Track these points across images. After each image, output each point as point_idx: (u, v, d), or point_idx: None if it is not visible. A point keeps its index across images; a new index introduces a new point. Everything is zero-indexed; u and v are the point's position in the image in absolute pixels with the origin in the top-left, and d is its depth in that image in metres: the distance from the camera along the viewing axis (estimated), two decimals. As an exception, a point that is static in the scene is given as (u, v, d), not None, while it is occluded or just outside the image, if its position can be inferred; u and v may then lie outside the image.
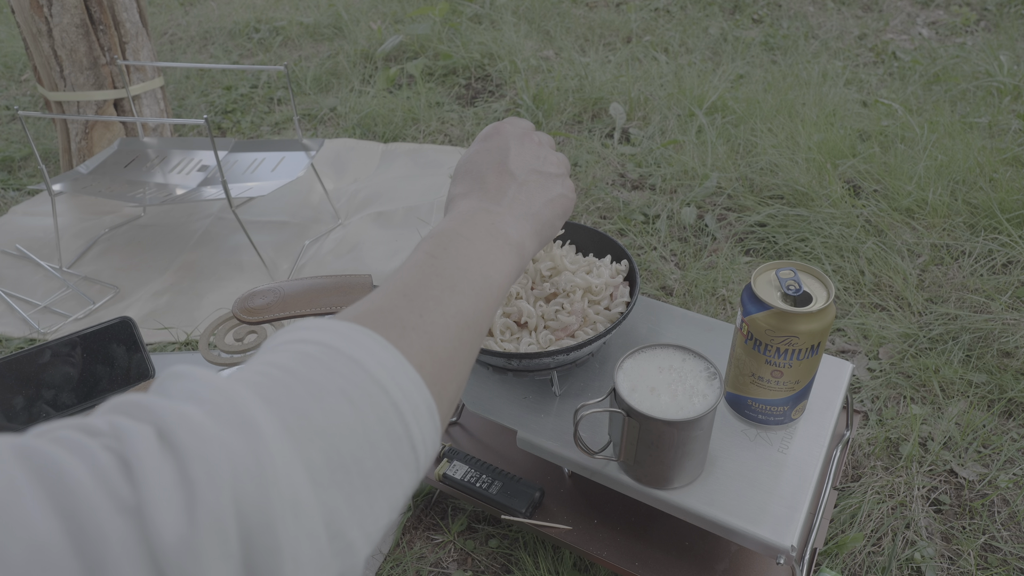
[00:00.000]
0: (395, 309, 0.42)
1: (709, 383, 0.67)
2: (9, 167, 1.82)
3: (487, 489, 0.84)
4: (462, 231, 0.51)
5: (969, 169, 1.48)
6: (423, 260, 0.48)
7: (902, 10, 2.44)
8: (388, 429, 0.36)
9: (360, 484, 0.34)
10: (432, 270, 0.47)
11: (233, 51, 2.44)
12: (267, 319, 0.79)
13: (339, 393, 0.35)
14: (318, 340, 0.37)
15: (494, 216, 0.54)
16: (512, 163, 0.59)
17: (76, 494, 0.26)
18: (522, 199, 0.58)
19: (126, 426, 0.29)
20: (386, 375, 0.37)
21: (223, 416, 0.30)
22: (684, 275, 1.30)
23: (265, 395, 0.33)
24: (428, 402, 0.39)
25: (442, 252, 0.49)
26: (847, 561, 0.86)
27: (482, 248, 0.51)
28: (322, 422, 0.33)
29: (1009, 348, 1.11)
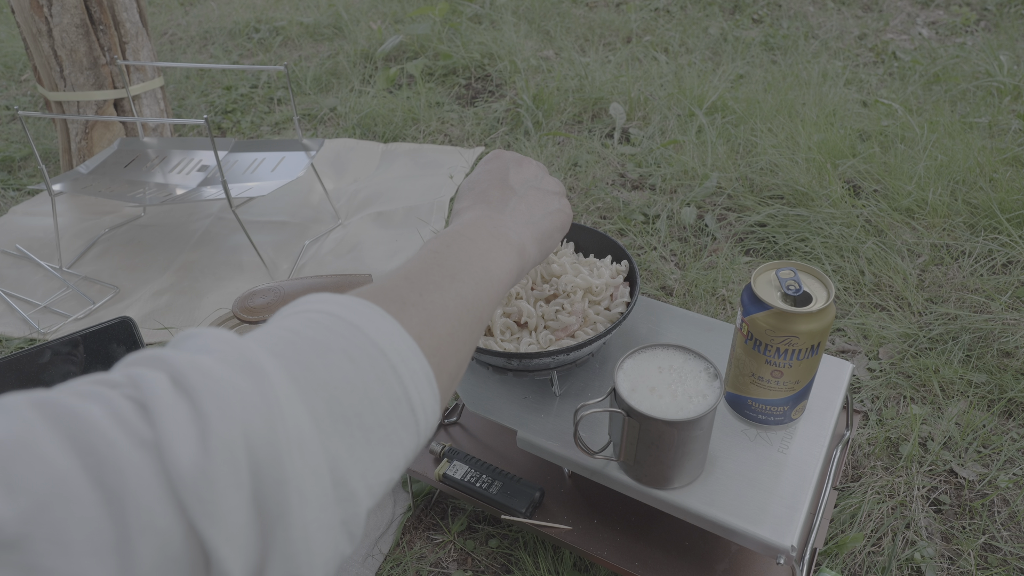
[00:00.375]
0: (396, 288, 0.44)
1: (709, 383, 0.67)
2: (9, 167, 1.82)
3: (487, 489, 0.84)
4: (465, 232, 0.54)
5: (969, 169, 1.48)
6: (426, 255, 0.50)
7: (902, 10, 2.44)
8: (387, 388, 0.37)
9: (361, 437, 0.36)
10: (434, 262, 0.49)
11: (233, 51, 2.44)
12: (267, 319, 0.79)
13: (340, 352, 0.37)
14: (322, 309, 0.39)
15: (496, 221, 0.58)
16: (513, 179, 0.63)
17: (92, 433, 0.28)
18: (523, 209, 0.61)
19: (142, 374, 0.31)
20: (385, 340, 0.39)
21: (232, 362, 0.33)
22: (684, 275, 1.30)
23: (271, 349, 0.35)
24: (426, 370, 0.40)
25: (445, 248, 0.51)
26: (847, 561, 0.86)
27: (484, 246, 0.53)
28: (325, 375, 0.35)
29: (1009, 348, 1.11)
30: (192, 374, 0.31)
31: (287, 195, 1.62)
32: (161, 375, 0.31)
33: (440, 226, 1.49)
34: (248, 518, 0.30)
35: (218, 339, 0.34)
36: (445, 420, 0.95)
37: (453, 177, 1.65)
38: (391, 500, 0.93)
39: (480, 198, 0.61)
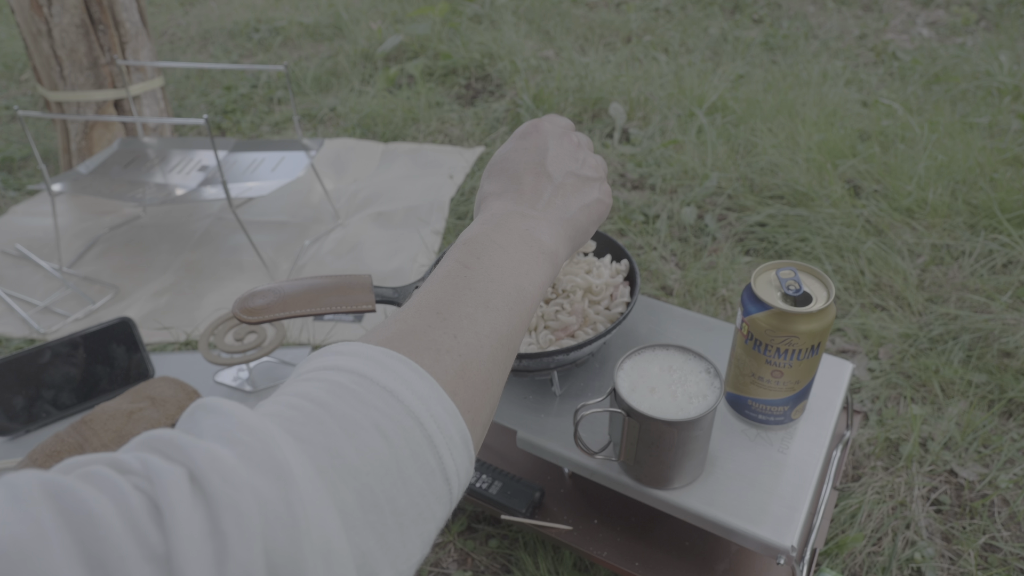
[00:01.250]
0: (428, 330, 0.41)
1: (709, 383, 0.67)
2: (9, 167, 1.82)
3: (487, 489, 0.84)
4: (496, 238, 0.50)
5: (969, 169, 1.48)
6: (456, 270, 0.46)
7: (902, 10, 2.44)
8: (422, 463, 0.35)
9: (393, 523, 0.33)
10: (465, 283, 0.45)
11: (233, 51, 2.44)
12: (267, 319, 0.78)
13: (373, 428, 0.34)
14: (351, 368, 0.36)
15: (529, 221, 0.52)
16: (550, 164, 0.57)
17: (105, 540, 0.26)
18: (558, 203, 0.55)
19: (158, 466, 0.29)
20: (421, 405, 0.36)
21: (255, 460, 0.30)
22: (684, 275, 1.30)
23: (297, 433, 0.33)
24: (462, 431, 0.38)
25: (475, 262, 0.47)
26: (847, 561, 0.86)
27: (516, 257, 0.49)
28: (355, 460, 0.33)
29: (1009, 348, 1.11)
30: (211, 476, 0.29)
31: (287, 195, 1.62)
32: (179, 469, 0.29)
33: (440, 227, 1.49)
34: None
35: (242, 425, 0.31)
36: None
37: (453, 177, 1.65)
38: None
39: (511, 184, 0.55)
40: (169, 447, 0.30)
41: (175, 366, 1.15)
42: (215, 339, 1.07)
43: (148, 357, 1.12)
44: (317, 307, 0.79)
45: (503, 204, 0.54)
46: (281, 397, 0.36)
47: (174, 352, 1.21)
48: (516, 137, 0.59)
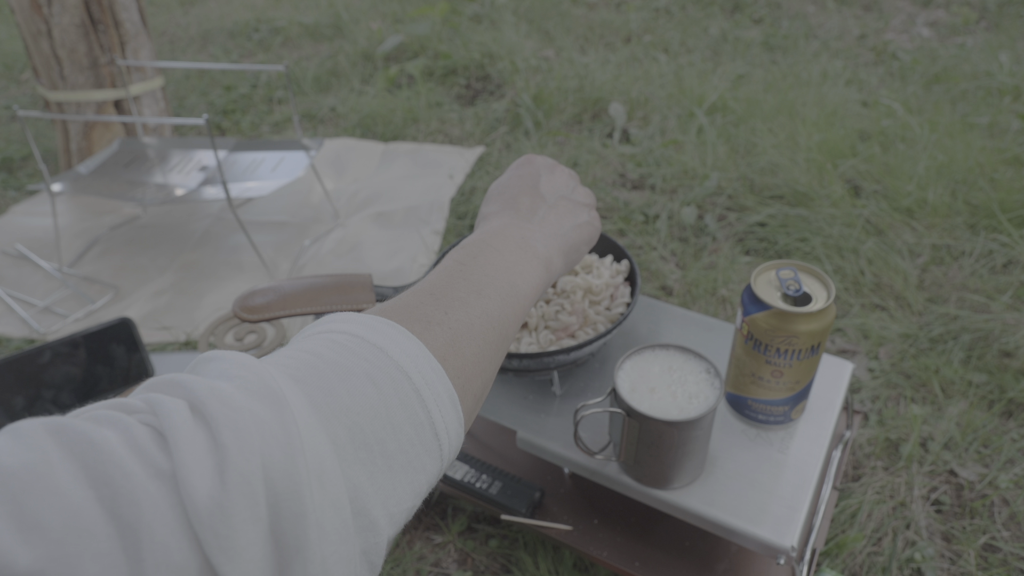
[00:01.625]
0: (421, 305, 0.43)
1: (709, 383, 0.67)
2: (9, 167, 1.82)
3: (487, 489, 0.84)
4: (491, 242, 0.53)
5: (969, 169, 1.48)
6: (452, 266, 0.49)
7: (902, 10, 2.44)
8: (410, 413, 0.37)
9: (383, 464, 0.35)
10: (460, 275, 0.48)
11: (233, 51, 2.44)
12: (267, 318, 0.79)
13: (364, 375, 0.36)
14: (344, 330, 0.39)
15: (524, 231, 0.56)
16: (544, 188, 0.62)
17: (109, 463, 0.27)
18: (551, 219, 0.59)
19: (161, 400, 0.31)
20: (409, 362, 0.38)
21: (253, 390, 0.32)
22: (684, 275, 1.30)
23: (293, 374, 0.35)
24: (451, 393, 0.39)
25: (471, 260, 0.50)
26: (847, 561, 0.86)
27: (511, 259, 0.52)
28: (347, 401, 0.35)
29: (1009, 348, 1.11)
30: (211, 402, 0.30)
31: (287, 195, 1.62)
32: (180, 402, 0.31)
33: (440, 227, 1.49)
34: (265, 552, 0.29)
35: (239, 364, 0.33)
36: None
37: (453, 177, 1.65)
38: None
39: (509, 204, 0.59)
40: (171, 386, 0.32)
41: (175, 366, 1.15)
42: (215, 339, 1.07)
43: (148, 357, 1.12)
44: (317, 306, 0.79)
45: (500, 219, 0.57)
46: (279, 352, 0.38)
47: (174, 352, 1.21)
48: (513, 168, 0.64)
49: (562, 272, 0.59)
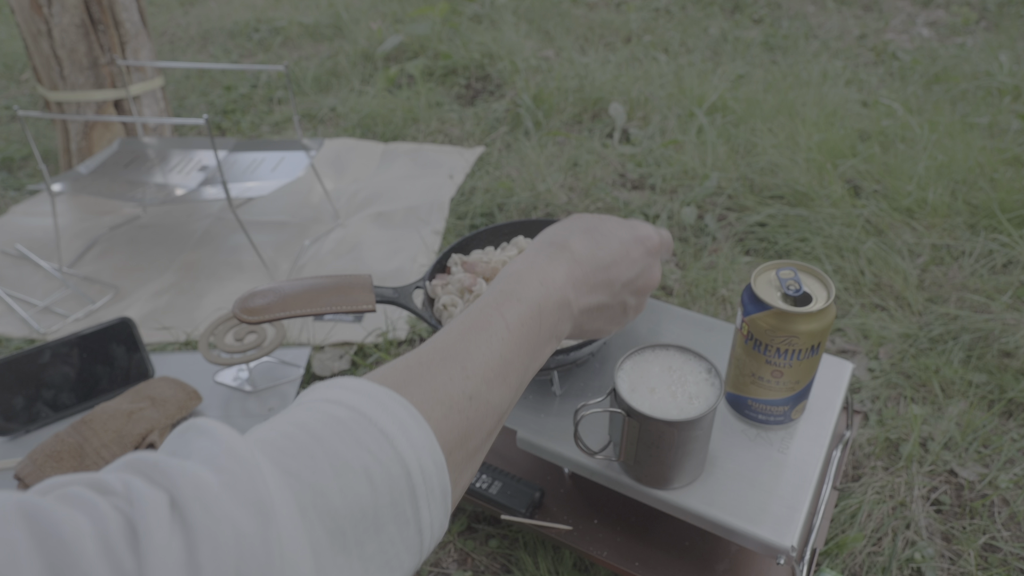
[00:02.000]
0: (450, 382, 0.42)
1: (709, 383, 0.67)
2: (9, 167, 1.82)
3: (487, 489, 0.84)
4: (545, 308, 0.51)
5: (969, 169, 1.48)
6: (499, 329, 0.47)
7: (902, 10, 2.44)
8: (399, 513, 0.35)
9: (360, 567, 0.34)
10: (499, 343, 0.46)
11: (233, 51, 2.44)
12: (267, 319, 0.79)
13: (361, 472, 0.34)
14: (352, 404, 0.37)
15: (576, 308, 0.55)
16: (622, 279, 0.59)
17: (76, 566, 0.26)
18: (602, 310, 0.58)
19: (140, 489, 0.29)
20: (412, 456, 0.36)
21: (239, 491, 0.30)
22: (684, 275, 1.30)
23: (286, 465, 0.33)
24: (445, 487, 0.38)
25: (519, 327, 0.48)
26: (847, 561, 0.86)
27: (546, 338, 0.51)
28: (337, 502, 0.33)
29: (1009, 348, 1.11)
30: (193, 505, 0.29)
31: (287, 195, 1.62)
32: (160, 495, 0.29)
33: (440, 226, 1.49)
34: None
35: (228, 450, 0.32)
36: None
37: (453, 177, 1.65)
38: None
39: (590, 269, 0.56)
40: (154, 470, 0.30)
41: (175, 366, 1.15)
42: (215, 339, 1.07)
43: (148, 357, 1.12)
44: (317, 307, 0.79)
45: (562, 277, 0.54)
46: (278, 423, 0.36)
47: (174, 352, 1.21)
48: (626, 235, 0.60)
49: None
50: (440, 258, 0.90)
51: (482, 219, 1.50)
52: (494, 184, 1.58)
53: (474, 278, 0.86)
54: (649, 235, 0.61)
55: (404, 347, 1.20)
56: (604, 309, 0.59)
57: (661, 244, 0.63)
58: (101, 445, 0.95)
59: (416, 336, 1.21)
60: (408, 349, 1.19)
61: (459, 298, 0.85)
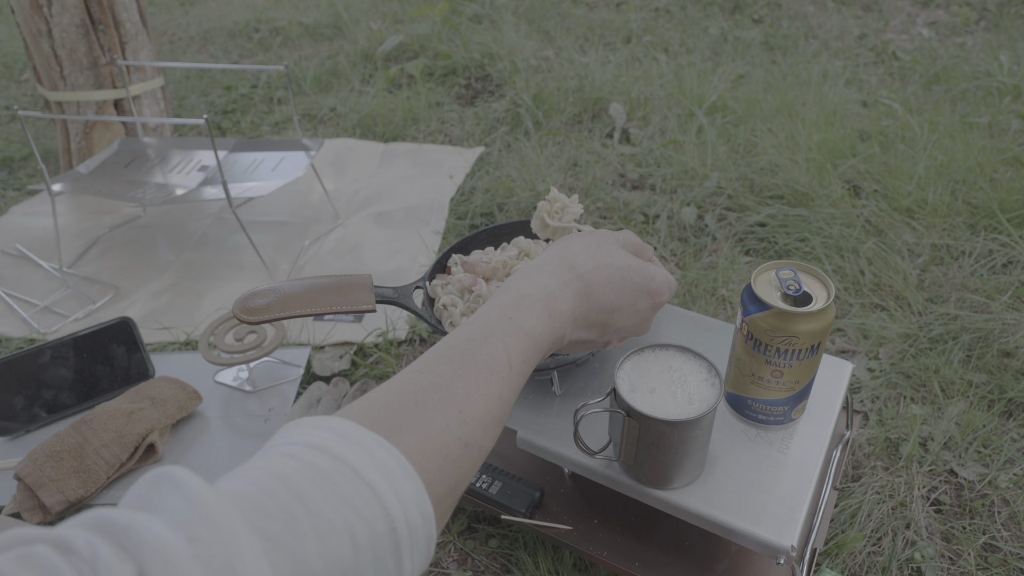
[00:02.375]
0: (447, 428, 0.39)
1: (709, 383, 0.67)
2: (9, 167, 1.82)
3: (487, 489, 0.84)
4: (540, 341, 0.50)
5: (969, 169, 1.48)
6: (501, 366, 0.45)
7: (902, 10, 2.44)
8: (380, 567, 0.34)
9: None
10: (500, 381, 0.45)
11: (233, 51, 2.44)
12: (267, 319, 0.79)
13: (345, 532, 0.33)
14: (338, 454, 0.35)
15: (559, 344, 0.54)
16: (625, 316, 0.59)
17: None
18: (606, 333, 0.58)
19: (107, 559, 0.27)
20: (400, 512, 0.35)
21: (212, 566, 0.28)
22: (684, 275, 1.30)
23: (266, 530, 0.31)
24: (430, 536, 0.37)
25: (521, 363, 0.47)
26: (847, 561, 0.86)
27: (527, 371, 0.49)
28: (317, 568, 0.32)
29: (1009, 348, 1.11)
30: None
31: (287, 195, 1.62)
32: (128, 569, 0.27)
33: (440, 227, 1.49)
34: None
35: (204, 516, 0.29)
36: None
37: (453, 177, 1.65)
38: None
39: (598, 299, 0.56)
40: (123, 534, 0.28)
41: (175, 366, 1.15)
42: (215, 339, 1.07)
43: (148, 357, 1.12)
44: (317, 307, 0.79)
45: (568, 311, 0.53)
46: (257, 474, 0.34)
47: (174, 352, 1.21)
48: (632, 285, 0.59)
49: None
50: (440, 258, 0.90)
51: (482, 219, 1.50)
52: (494, 184, 1.58)
53: (474, 278, 0.86)
54: (661, 291, 0.60)
55: (404, 347, 1.20)
56: (587, 344, 0.59)
57: (667, 300, 0.63)
58: (101, 445, 0.95)
59: (416, 336, 1.22)
60: (408, 349, 1.19)
61: (459, 298, 0.85)
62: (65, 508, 0.91)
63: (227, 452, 1.00)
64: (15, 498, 0.93)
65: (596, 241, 0.59)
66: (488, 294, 0.83)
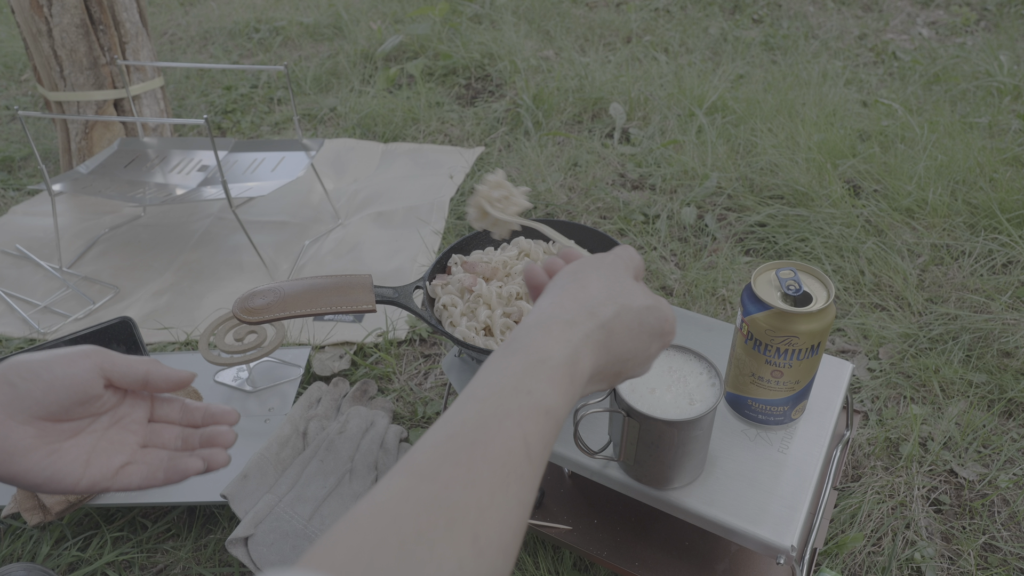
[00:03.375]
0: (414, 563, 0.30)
1: (709, 383, 0.67)
2: (9, 167, 1.82)
3: (487, 489, 0.84)
4: (561, 424, 0.41)
5: (969, 169, 1.48)
6: (521, 463, 0.36)
7: (902, 10, 2.44)
8: None
9: None
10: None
11: (233, 51, 2.44)
12: (267, 319, 0.79)
13: None
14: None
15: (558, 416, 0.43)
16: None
17: None
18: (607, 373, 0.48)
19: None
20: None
21: None
22: (684, 275, 1.30)
23: None
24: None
25: (517, 481, 0.36)
26: (847, 561, 0.86)
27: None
28: None
29: (1009, 348, 1.11)
30: None
31: (287, 195, 1.62)
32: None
33: (440, 226, 1.49)
34: None
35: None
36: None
37: (453, 177, 1.65)
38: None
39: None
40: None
41: (175, 366, 1.15)
42: (215, 339, 1.07)
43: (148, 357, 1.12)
44: (317, 307, 0.80)
45: (589, 370, 0.44)
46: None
47: (174, 352, 1.21)
48: (656, 336, 0.50)
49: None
50: (440, 258, 0.90)
51: (482, 219, 1.50)
52: (494, 184, 1.58)
53: (474, 278, 0.86)
54: (672, 331, 0.51)
55: (404, 347, 1.20)
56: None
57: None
58: (101, 445, 0.95)
59: (416, 336, 1.21)
60: (408, 349, 1.19)
61: (459, 298, 0.85)
62: (65, 508, 0.91)
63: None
64: (15, 498, 0.93)
65: (613, 275, 0.50)
66: (488, 294, 0.83)
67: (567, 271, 0.50)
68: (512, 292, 0.84)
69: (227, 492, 0.89)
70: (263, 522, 0.85)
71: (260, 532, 0.85)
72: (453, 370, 0.86)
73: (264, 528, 0.85)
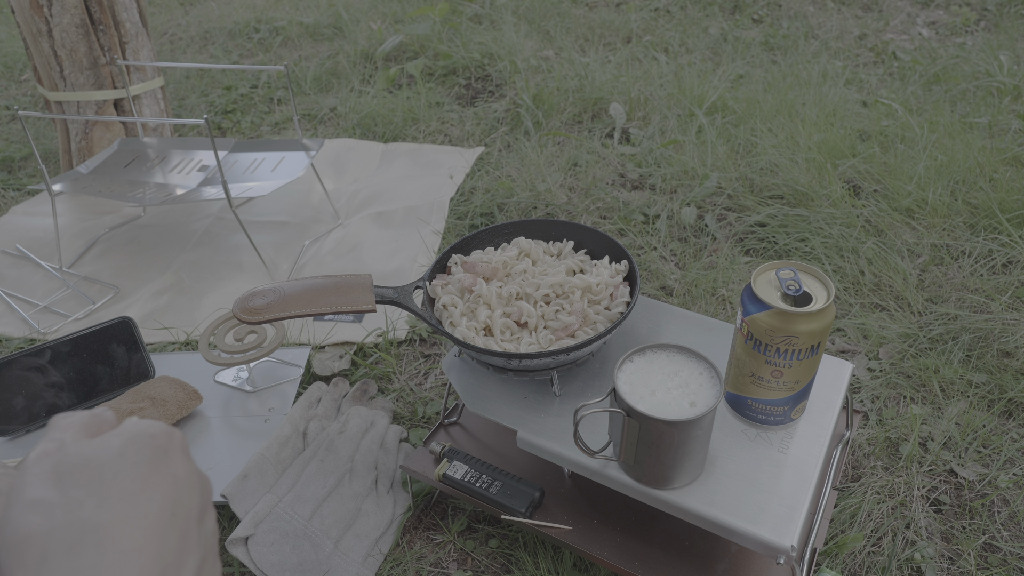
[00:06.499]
0: None
1: (709, 383, 0.67)
2: (9, 167, 1.82)
3: (487, 489, 0.84)
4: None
5: (969, 169, 1.48)
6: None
7: (902, 10, 2.44)
8: None
9: None
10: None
11: (233, 51, 2.44)
12: (267, 319, 0.79)
13: None
14: None
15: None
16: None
17: None
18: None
19: None
20: None
21: None
22: (684, 275, 1.30)
23: None
24: None
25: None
26: (847, 561, 0.86)
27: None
28: None
29: (1009, 348, 1.11)
30: None
31: (287, 195, 1.62)
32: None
33: (440, 226, 1.49)
34: None
35: None
36: (445, 420, 0.95)
37: (453, 177, 1.65)
38: (391, 500, 0.93)
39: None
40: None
41: (175, 366, 1.15)
42: (215, 339, 1.07)
43: (148, 357, 1.12)
44: (317, 307, 0.80)
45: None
46: None
47: (174, 352, 1.21)
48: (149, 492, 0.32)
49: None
50: (440, 258, 0.90)
51: (482, 219, 1.50)
52: (494, 184, 1.58)
53: (474, 278, 0.86)
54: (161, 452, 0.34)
55: (404, 347, 1.20)
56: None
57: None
58: (101, 445, 0.95)
59: (416, 336, 1.22)
60: (408, 349, 1.19)
61: (459, 298, 0.85)
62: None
63: (227, 452, 1.00)
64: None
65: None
66: (488, 294, 0.84)
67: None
68: (512, 292, 0.84)
69: (227, 492, 0.89)
70: (263, 522, 0.85)
71: (260, 532, 0.85)
72: (453, 370, 0.86)
73: (264, 528, 0.85)
